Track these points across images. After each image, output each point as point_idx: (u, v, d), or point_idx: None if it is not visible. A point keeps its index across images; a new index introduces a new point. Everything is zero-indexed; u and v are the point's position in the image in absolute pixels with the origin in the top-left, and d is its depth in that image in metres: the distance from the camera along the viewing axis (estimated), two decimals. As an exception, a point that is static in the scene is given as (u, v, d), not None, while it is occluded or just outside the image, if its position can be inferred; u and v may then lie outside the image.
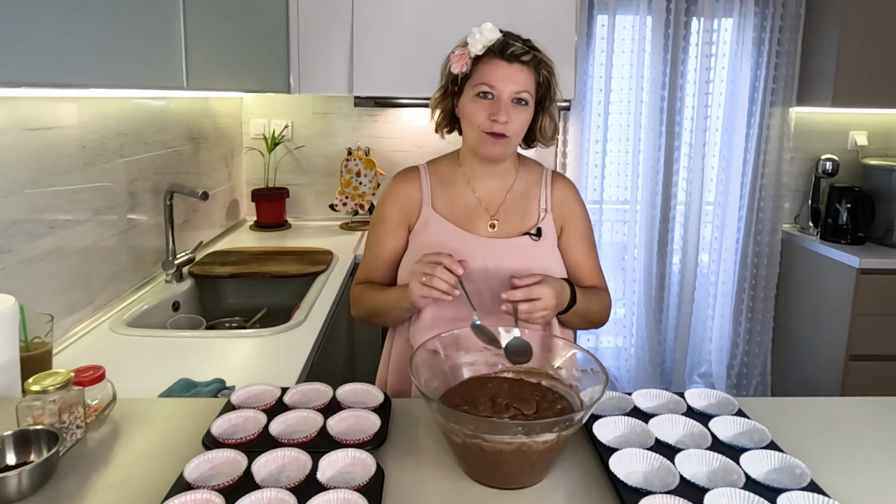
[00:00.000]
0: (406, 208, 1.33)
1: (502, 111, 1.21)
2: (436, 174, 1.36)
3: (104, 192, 1.63)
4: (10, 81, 1.01)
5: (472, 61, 1.23)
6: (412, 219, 1.33)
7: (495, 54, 1.21)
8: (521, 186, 1.35)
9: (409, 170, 1.37)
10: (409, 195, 1.33)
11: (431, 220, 1.31)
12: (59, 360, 1.31)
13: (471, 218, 1.31)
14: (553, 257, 1.32)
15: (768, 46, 2.92)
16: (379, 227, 1.35)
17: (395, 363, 1.37)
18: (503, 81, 1.20)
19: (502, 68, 1.21)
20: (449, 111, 1.30)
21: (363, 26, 2.41)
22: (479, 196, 1.33)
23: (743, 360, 3.22)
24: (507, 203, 1.33)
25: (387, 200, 1.35)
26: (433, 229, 1.30)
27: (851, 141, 3.11)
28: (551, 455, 0.86)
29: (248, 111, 2.87)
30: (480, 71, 1.22)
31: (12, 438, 0.88)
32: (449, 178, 1.35)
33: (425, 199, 1.33)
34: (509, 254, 1.28)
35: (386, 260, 1.34)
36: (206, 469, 0.84)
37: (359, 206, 2.80)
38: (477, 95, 1.22)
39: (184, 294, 1.89)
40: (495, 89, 1.21)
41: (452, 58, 1.25)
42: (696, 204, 3.05)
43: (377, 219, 1.36)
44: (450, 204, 1.33)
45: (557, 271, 1.31)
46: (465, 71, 1.23)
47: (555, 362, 1.05)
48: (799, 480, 0.84)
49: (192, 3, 1.50)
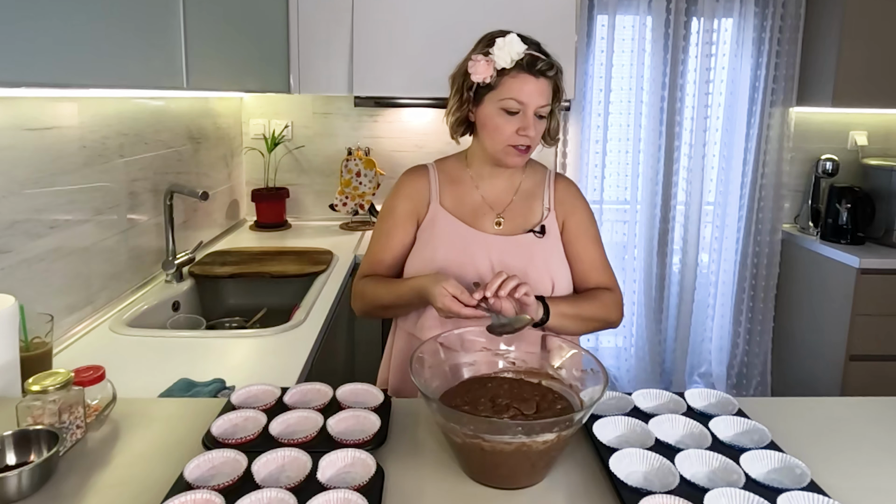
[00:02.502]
0: (415, 203, 1.34)
1: (531, 126, 1.22)
2: (443, 172, 1.37)
3: (104, 192, 1.63)
4: (10, 81, 1.01)
5: (496, 73, 1.21)
6: (421, 214, 1.34)
7: (523, 69, 1.20)
8: (527, 187, 1.37)
9: (418, 167, 1.39)
10: (419, 190, 1.35)
11: (439, 216, 1.32)
12: (59, 360, 1.31)
13: (477, 216, 1.33)
14: (556, 254, 1.33)
15: (768, 46, 2.92)
16: (388, 220, 1.36)
17: (396, 361, 1.38)
18: (531, 97, 1.21)
19: (531, 84, 1.21)
20: (464, 118, 1.30)
21: (363, 26, 2.41)
22: (486, 196, 1.34)
23: (743, 360, 3.22)
24: (513, 203, 1.35)
25: (396, 194, 1.37)
26: (441, 225, 1.32)
27: (851, 141, 3.11)
28: (551, 455, 0.86)
29: (248, 111, 2.87)
30: (508, 85, 1.21)
31: (12, 438, 0.88)
32: (456, 178, 1.36)
33: (433, 196, 1.34)
34: (514, 250, 1.29)
35: (394, 252, 1.35)
36: (206, 469, 0.84)
37: (359, 206, 2.80)
38: (503, 109, 1.22)
39: (184, 294, 1.89)
40: (524, 105, 1.21)
41: (473, 66, 1.22)
42: (696, 204, 3.05)
43: (386, 212, 1.37)
44: (457, 202, 1.34)
45: (560, 268, 1.32)
46: (489, 82, 1.22)
47: (555, 362, 1.05)
48: (799, 480, 0.84)
49: (192, 3, 1.50)
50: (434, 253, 1.29)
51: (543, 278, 1.28)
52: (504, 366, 1.08)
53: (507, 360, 1.08)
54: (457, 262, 1.27)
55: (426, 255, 1.30)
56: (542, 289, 1.28)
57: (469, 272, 1.27)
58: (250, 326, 1.93)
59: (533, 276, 1.27)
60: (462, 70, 1.27)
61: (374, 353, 2.38)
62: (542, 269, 1.29)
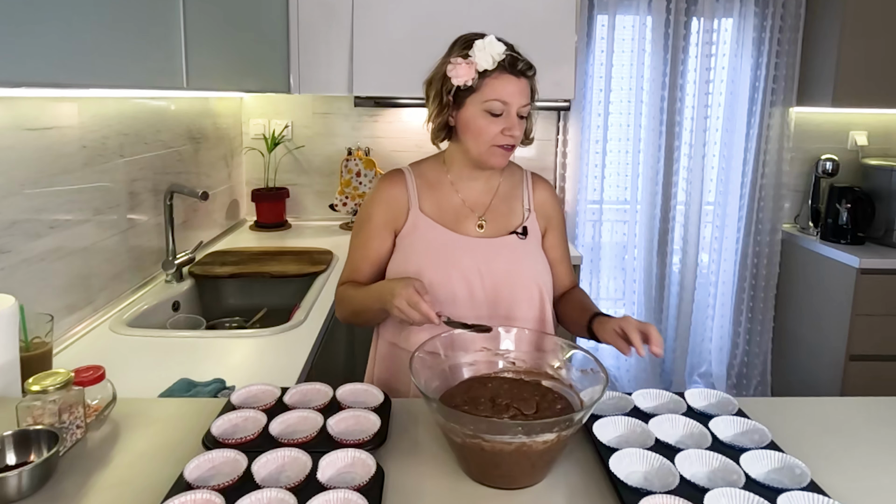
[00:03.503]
0: (393, 211, 1.32)
1: (515, 126, 1.22)
2: (421, 177, 1.35)
3: (104, 192, 1.63)
4: (10, 81, 1.01)
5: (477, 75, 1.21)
6: (399, 222, 1.32)
7: (505, 69, 1.20)
8: (505, 188, 1.36)
9: (395, 172, 1.36)
10: (396, 197, 1.32)
11: (420, 222, 1.30)
12: (59, 360, 1.31)
13: (458, 219, 1.31)
14: (539, 255, 1.33)
15: (768, 46, 2.92)
16: (364, 228, 1.34)
17: (380, 362, 1.36)
18: (514, 96, 1.21)
19: (513, 83, 1.21)
20: (445, 123, 1.28)
21: (363, 26, 2.41)
22: (465, 198, 1.33)
23: (743, 360, 3.22)
24: (493, 204, 1.34)
25: (372, 201, 1.34)
26: (422, 231, 1.30)
27: (851, 141, 3.11)
28: (551, 455, 0.86)
29: (248, 111, 2.87)
30: (491, 86, 1.21)
31: (12, 438, 0.88)
32: (434, 181, 1.34)
33: (412, 202, 1.32)
34: (499, 252, 1.29)
35: (371, 261, 1.33)
36: (206, 469, 0.84)
37: (359, 206, 2.80)
38: (486, 111, 1.22)
39: (184, 294, 1.89)
40: (508, 105, 1.21)
41: (453, 69, 1.21)
42: (696, 204, 3.05)
43: (362, 220, 1.35)
44: (437, 206, 1.32)
45: (544, 269, 1.32)
46: (470, 84, 1.21)
47: (555, 362, 1.05)
48: (799, 480, 0.84)
49: (192, 3, 1.50)
50: (418, 259, 1.26)
51: (529, 279, 1.28)
52: (504, 366, 1.08)
53: (507, 360, 1.08)
54: (442, 267, 1.25)
55: (409, 261, 1.27)
56: (528, 290, 1.28)
57: (454, 277, 1.25)
58: (250, 326, 1.94)
59: (519, 278, 1.27)
60: (440, 74, 1.25)
61: (374, 353, 2.39)
62: (527, 270, 1.29)
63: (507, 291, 1.26)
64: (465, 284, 1.25)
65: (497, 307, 1.26)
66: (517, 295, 1.27)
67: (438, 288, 1.23)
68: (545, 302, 1.30)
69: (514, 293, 1.27)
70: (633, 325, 1.12)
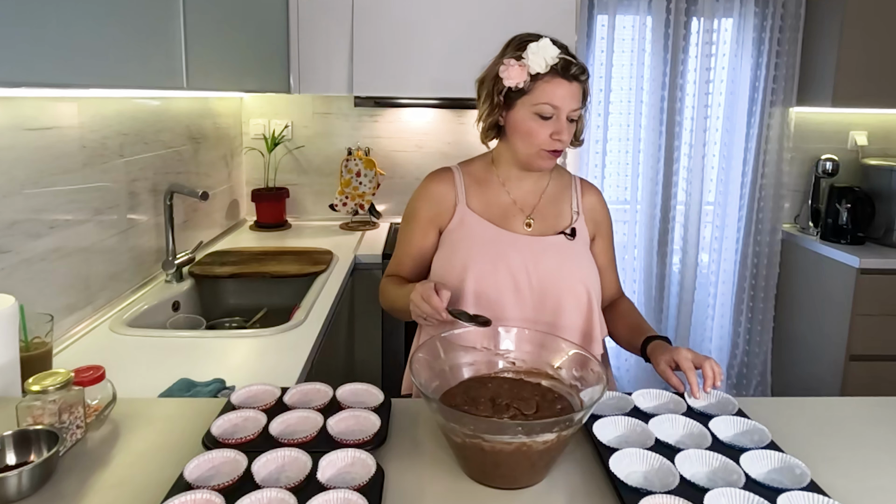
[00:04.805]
0: (438, 207, 1.33)
1: (564, 130, 1.22)
2: (469, 174, 1.36)
3: (104, 192, 1.63)
4: (10, 81, 1.01)
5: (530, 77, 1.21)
6: (444, 218, 1.33)
7: (557, 73, 1.20)
8: (554, 189, 1.37)
9: (443, 170, 1.38)
10: (443, 194, 1.34)
11: (467, 217, 1.31)
12: (59, 360, 1.31)
13: (506, 217, 1.32)
14: (587, 257, 1.33)
15: (768, 46, 2.92)
16: (409, 224, 1.36)
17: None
18: (564, 101, 1.21)
19: (564, 88, 1.21)
20: (495, 122, 1.29)
21: (363, 26, 2.41)
22: (513, 197, 1.34)
23: (743, 360, 3.22)
24: (541, 204, 1.34)
25: (419, 197, 1.36)
26: (470, 227, 1.30)
27: (851, 141, 3.11)
28: (551, 455, 0.86)
29: (248, 111, 2.87)
30: (542, 90, 1.21)
31: (12, 438, 0.88)
32: (483, 179, 1.35)
33: (460, 198, 1.33)
34: (547, 251, 1.28)
35: (413, 256, 1.36)
36: (206, 469, 0.84)
37: (359, 206, 2.80)
38: (536, 114, 1.22)
39: (184, 294, 1.89)
40: (558, 109, 1.21)
41: (506, 70, 1.21)
42: (696, 204, 3.05)
43: (408, 215, 1.38)
44: (485, 203, 1.33)
45: (590, 271, 1.31)
46: (522, 87, 1.22)
47: (555, 362, 1.05)
48: (799, 480, 0.84)
49: (192, 3, 1.50)
50: (465, 253, 1.27)
51: (576, 280, 1.27)
52: (504, 366, 1.08)
53: (507, 360, 1.08)
54: (490, 261, 1.25)
55: (456, 255, 1.28)
56: (575, 291, 1.26)
57: (502, 272, 1.25)
58: (250, 326, 1.94)
59: (567, 277, 1.26)
60: (492, 74, 1.25)
61: (373, 352, 2.39)
62: (575, 270, 1.28)
63: (553, 291, 1.25)
64: (512, 280, 1.24)
65: (544, 308, 1.25)
66: (564, 295, 1.25)
67: (485, 282, 1.24)
68: (593, 304, 1.28)
69: (560, 293, 1.25)
70: (688, 361, 1.09)
